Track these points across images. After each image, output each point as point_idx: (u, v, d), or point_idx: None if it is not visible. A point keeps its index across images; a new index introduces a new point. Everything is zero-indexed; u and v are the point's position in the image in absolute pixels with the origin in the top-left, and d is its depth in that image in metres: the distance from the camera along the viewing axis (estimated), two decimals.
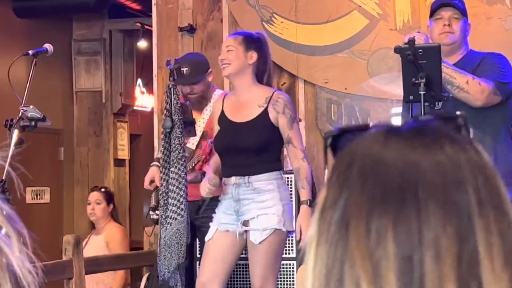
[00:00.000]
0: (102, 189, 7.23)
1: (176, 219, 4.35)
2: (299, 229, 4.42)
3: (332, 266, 0.87)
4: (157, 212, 4.91)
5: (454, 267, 0.84)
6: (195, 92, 5.31)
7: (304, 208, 4.44)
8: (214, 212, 4.57)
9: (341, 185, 0.89)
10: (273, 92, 4.53)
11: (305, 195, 4.49)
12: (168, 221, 4.37)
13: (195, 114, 5.15)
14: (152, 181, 5.12)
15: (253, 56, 4.52)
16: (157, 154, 5.09)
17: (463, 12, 4.62)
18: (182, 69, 4.86)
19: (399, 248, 0.85)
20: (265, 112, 4.45)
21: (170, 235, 4.37)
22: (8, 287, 0.99)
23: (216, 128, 4.62)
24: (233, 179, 4.45)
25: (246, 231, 4.49)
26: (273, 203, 4.41)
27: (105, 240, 6.85)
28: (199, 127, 5.27)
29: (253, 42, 4.55)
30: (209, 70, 5.38)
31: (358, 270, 0.85)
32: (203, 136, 5.25)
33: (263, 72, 4.57)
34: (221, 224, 4.49)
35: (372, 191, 0.87)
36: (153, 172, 5.10)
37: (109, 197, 7.13)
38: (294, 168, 4.56)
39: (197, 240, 5.43)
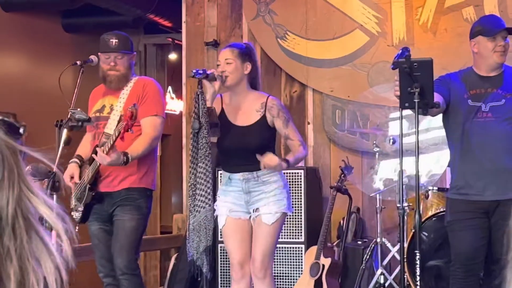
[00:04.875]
0: None
1: (204, 207, 4.30)
2: (267, 159, 4.24)
3: None
4: (79, 209, 4.59)
5: None
6: (118, 68, 4.69)
7: (280, 159, 4.31)
8: None
9: None
10: (267, 98, 4.48)
11: (289, 157, 4.39)
12: (196, 209, 4.31)
13: (110, 95, 4.75)
14: (72, 177, 4.63)
15: (248, 67, 4.46)
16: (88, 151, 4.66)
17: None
18: (111, 40, 4.69)
19: None
20: (263, 117, 4.42)
21: (199, 221, 4.32)
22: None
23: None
24: (241, 174, 4.41)
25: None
26: (280, 190, 4.39)
27: None
28: (116, 111, 4.62)
29: (247, 54, 4.48)
30: (134, 53, 4.85)
31: None
32: (120, 120, 4.45)
33: (254, 78, 4.52)
34: (232, 212, 4.44)
35: None
36: (72, 169, 4.65)
37: None
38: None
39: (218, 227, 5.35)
